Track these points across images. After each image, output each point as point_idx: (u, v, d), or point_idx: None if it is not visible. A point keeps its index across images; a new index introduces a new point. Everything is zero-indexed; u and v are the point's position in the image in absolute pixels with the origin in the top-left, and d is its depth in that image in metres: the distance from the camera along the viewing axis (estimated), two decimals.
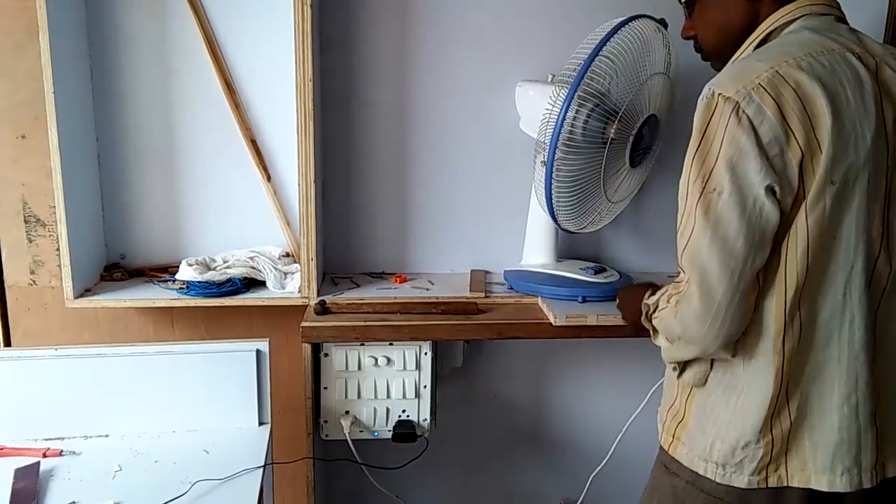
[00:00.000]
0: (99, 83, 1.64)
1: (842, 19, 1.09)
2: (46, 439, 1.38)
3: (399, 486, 1.82)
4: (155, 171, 1.70)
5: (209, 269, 1.64)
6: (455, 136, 1.75)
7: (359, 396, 1.58)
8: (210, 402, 1.40)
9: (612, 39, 1.46)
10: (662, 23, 1.53)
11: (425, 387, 1.60)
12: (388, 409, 1.60)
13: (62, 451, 1.34)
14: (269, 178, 1.72)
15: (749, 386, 1.04)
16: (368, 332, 1.52)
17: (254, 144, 1.70)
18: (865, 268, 1.00)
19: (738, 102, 0.96)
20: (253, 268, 1.66)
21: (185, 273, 1.61)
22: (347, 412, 1.59)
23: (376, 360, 1.56)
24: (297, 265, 1.67)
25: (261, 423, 1.43)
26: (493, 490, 2.00)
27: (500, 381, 1.92)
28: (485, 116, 1.74)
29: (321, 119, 1.70)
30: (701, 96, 1.02)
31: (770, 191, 0.96)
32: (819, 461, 1.02)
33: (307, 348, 1.52)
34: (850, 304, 1.00)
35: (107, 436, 1.39)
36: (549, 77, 1.62)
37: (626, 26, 1.46)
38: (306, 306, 1.61)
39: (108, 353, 1.37)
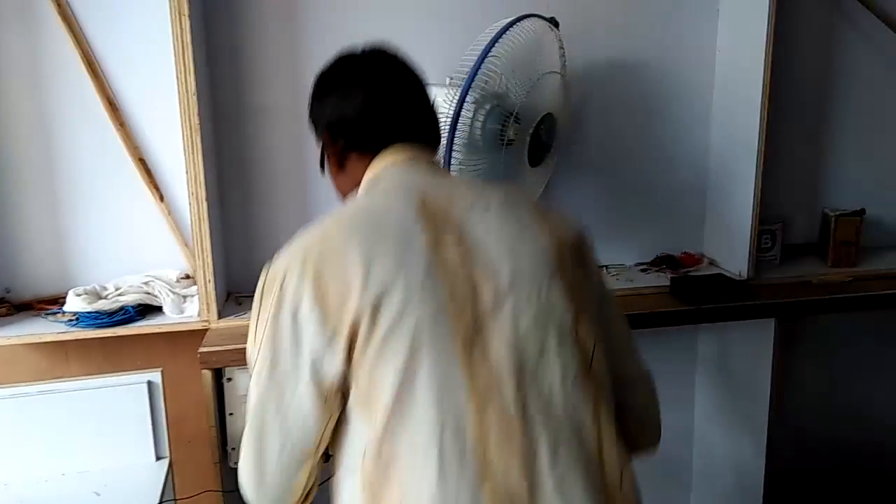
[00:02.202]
0: None
1: (432, 161, 1.04)
2: None
3: None
4: (37, 199, 1.60)
5: (100, 297, 1.56)
6: None
7: None
8: (101, 441, 1.33)
9: (503, 39, 1.44)
10: (553, 21, 1.53)
11: None
12: None
13: None
14: (161, 198, 1.64)
15: None
16: None
17: (142, 163, 1.62)
18: (459, 424, 0.84)
19: (284, 274, 0.89)
20: (148, 293, 1.58)
21: (73, 304, 1.52)
22: None
23: None
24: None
25: (158, 458, 1.36)
26: None
27: None
28: None
29: (214, 132, 1.63)
30: None
31: (313, 377, 0.87)
32: None
33: (207, 375, 1.45)
34: (449, 473, 0.83)
35: None
36: (448, 80, 1.59)
37: (516, 25, 1.45)
38: (206, 330, 1.54)
39: None
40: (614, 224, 1.90)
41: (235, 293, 1.72)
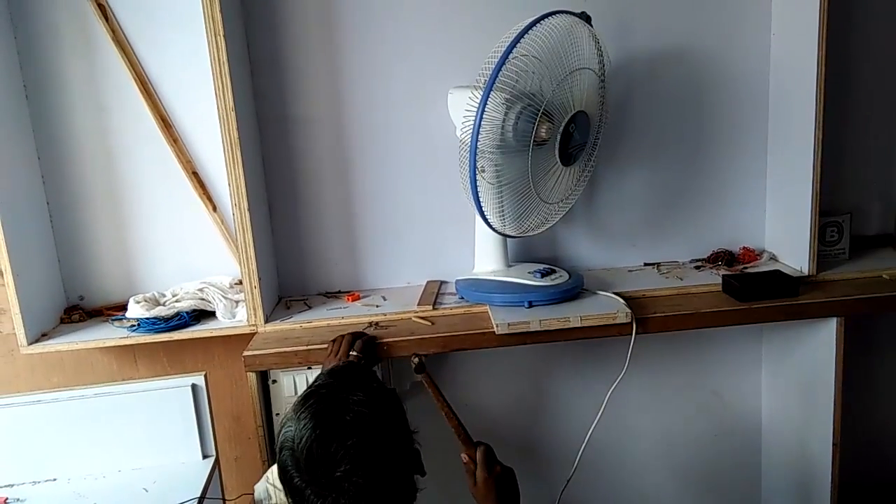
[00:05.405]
0: (40, 128, 1.66)
1: None
2: None
3: None
4: (104, 211, 1.72)
5: (158, 304, 1.66)
6: (396, 147, 1.73)
7: None
8: (152, 440, 1.41)
9: (530, 37, 1.42)
10: (584, 16, 1.49)
11: None
12: None
13: (7, 498, 1.35)
14: (214, 209, 1.73)
15: None
16: (311, 355, 1.51)
17: (196, 176, 1.71)
18: None
19: None
20: (202, 299, 1.67)
21: (133, 310, 1.62)
22: None
23: None
24: None
25: (205, 457, 1.43)
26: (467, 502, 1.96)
27: (465, 389, 1.88)
28: (423, 125, 1.72)
29: (260, 142, 1.70)
30: None
31: None
32: None
33: (252, 377, 1.52)
34: None
35: (55, 480, 1.40)
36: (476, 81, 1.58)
37: (542, 23, 1.42)
38: (254, 334, 1.61)
39: (47, 399, 1.39)
40: (667, 220, 1.83)
41: (287, 297, 1.79)
